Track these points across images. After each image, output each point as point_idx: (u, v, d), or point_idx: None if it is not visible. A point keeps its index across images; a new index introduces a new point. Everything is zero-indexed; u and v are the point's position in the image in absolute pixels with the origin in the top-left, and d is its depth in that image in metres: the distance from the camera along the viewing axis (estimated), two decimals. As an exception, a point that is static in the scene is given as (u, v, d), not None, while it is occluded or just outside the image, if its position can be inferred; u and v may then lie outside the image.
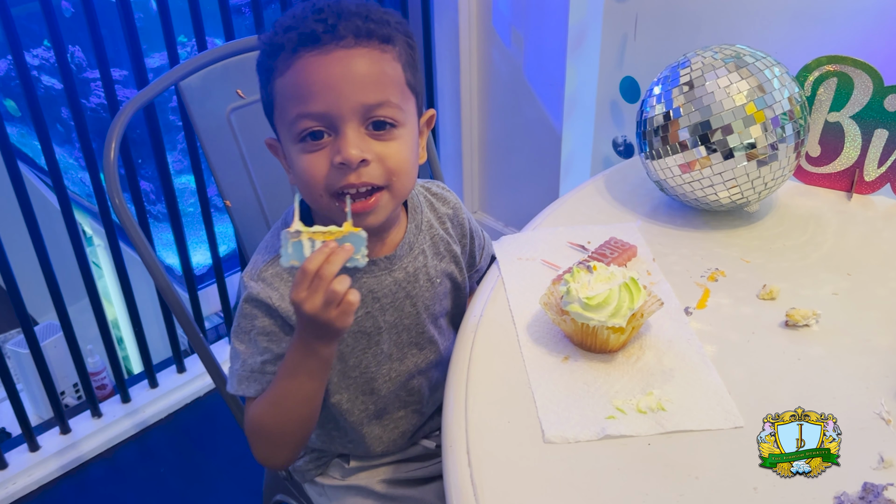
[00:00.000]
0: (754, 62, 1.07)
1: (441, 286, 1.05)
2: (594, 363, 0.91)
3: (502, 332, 0.97)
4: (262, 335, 0.94)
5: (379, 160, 0.87)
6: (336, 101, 0.84)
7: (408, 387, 1.07)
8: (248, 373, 0.95)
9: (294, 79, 0.85)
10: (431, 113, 0.99)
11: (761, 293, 1.02)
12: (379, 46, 0.86)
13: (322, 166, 0.86)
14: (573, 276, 0.91)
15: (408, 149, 0.90)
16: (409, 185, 0.92)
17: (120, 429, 2.07)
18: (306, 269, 0.81)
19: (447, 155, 2.59)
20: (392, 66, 0.87)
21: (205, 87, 1.25)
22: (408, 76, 0.90)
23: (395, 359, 1.04)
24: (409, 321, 1.03)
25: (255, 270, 0.95)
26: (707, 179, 1.09)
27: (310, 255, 0.81)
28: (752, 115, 1.05)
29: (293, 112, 0.86)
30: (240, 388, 0.95)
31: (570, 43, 2.11)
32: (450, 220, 1.09)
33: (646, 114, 1.13)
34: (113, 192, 1.15)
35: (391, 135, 0.88)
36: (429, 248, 1.04)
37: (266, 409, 0.93)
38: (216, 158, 1.27)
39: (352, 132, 0.85)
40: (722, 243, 1.13)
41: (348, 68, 0.84)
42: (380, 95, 0.85)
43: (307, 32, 0.84)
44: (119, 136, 1.18)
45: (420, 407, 1.10)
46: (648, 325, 0.96)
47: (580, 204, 1.24)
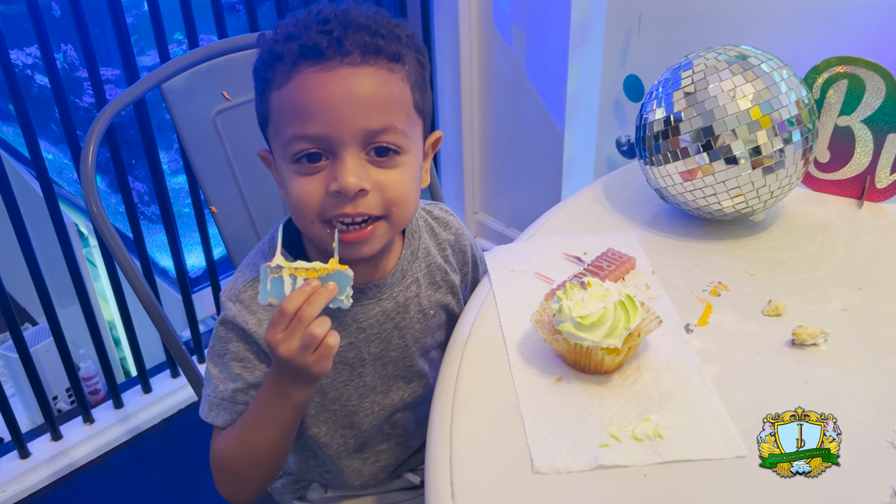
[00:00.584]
0: (760, 64, 1.01)
1: (434, 318, 0.99)
2: (588, 385, 0.86)
3: (492, 350, 0.92)
4: (236, 361, 0.90)
5: (378, 189, 0.81)
6: (336, 124, 0.78)
7: (392, 420, 1.02)
8: (219, 400, 0.90)
9: (292, 95, 0.79)
10: (438, 135, 0.92)
11: (766, 309, 0.96)
12: (387, 65, 0.80)
13: (316, 192, 0.80)
14: (566, 293, 0.86)
15: (410, 177, 0.84)
16: (409, 214, 0.86)
17: (112, 435, 2.04)
18: (284, 310, 0.76)
19: (447, 155, 2.57)
20: (400, 87, 0.81)
21: (189, 89, 1.21)
22: (416, 98, 0.84)
23: (380, 391, 0.99)
24: (396, 353, 0.97)
25: (233, 291, 0.90)
26: (710, 188, 1.04)
27: (289, 294, 0.76)
28: (757, 120, 0.99)
29: (289, 132, 0.80)
30: (209, 415, 0.91)
31: (573, 40, 2.09)
32: (451, 246, 1.03)
33: (646, 118, 1.08)
34: (90, 199, 1.11)
35: (393, 162, 0.82)
36: (423, 276, 0.98)
37: (232, 447, 0.88)
38: (201, 163, 1.23)
39: (351, 158, 0.79)
40: (725, 255, 1.08)
41: (352, 88, 0.77)
42: (384, 120, 0.79)
43: (310, 45, 0.77)
44: (98, 137, 1.14)
45: (405, 440, 1.05)
46: (647, 343, 0.91)
47: (577, 211, 1.19)
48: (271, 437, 0.86)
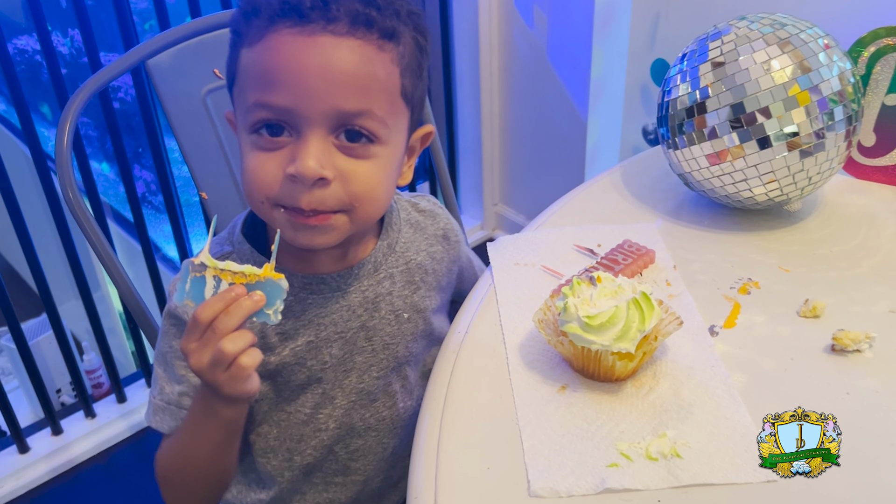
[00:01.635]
0: (798, 33, 0.90)
1: (409, 324, 0.88)
2: (597, 395, 0.76)
3: (490, 353, 0.82)
4: (179, 360, 0.81)
5: (342, 180, 0.71)
6: (305, 99, 0.68)
7: (349, 447, 0.90)
8: (164, 404, 0.81)
9: (262, 57, 0.69)
10: (427, 130, 0.82)
11: (803, 310, 0.85)
12: (377, 41, 0.70)
13: (272, 173, 0.71)
14: (572, 290, 0.76)
15: (382, 172, 0.74)
16: (376, 212, 0.76)
17: (114, 430, 1.98)
18: (198, 318, 0.66)
19: (466, 144, 2.51)
20: (387, 69, 0.71)
21: (177, 66, 1.14)
22: (405, 84, 0.74)
23: (339, 406, 0.87)
24: (361, 359, 0.86)
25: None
26: (740, 172, 0.93)
27: (206, 301, 0.67)
28: (794, 97, 0.88)
29: (252, 97, 0.70)
30: (154, 420, 0.82)
31: (597, 23, 2.02)
32: (440, 241, 0.93)
33: (668, 95, 0.97)
34: (66, 184, 1.03)
35: (366, 151, 0.72)
36: (400, 273, 0.87)
37: (170, 460, 0.81)
38: (190, 146, 1.17)
39: (316, 140, 0.69)
40: (756, 248, 0.97)
41: (330, 61, 0.68)
42: (362, 103, 0.70)
43: (291, 3, 0.68)
44: (73, 121, 1.07)
45: (362, 479, 0.92)
46: (665, 347, 0.80)
47: (592, 200, 1.08)
48: (205, 453, 0.78)
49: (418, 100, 0.77)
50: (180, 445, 0.80)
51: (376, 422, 0.89)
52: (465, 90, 2.41)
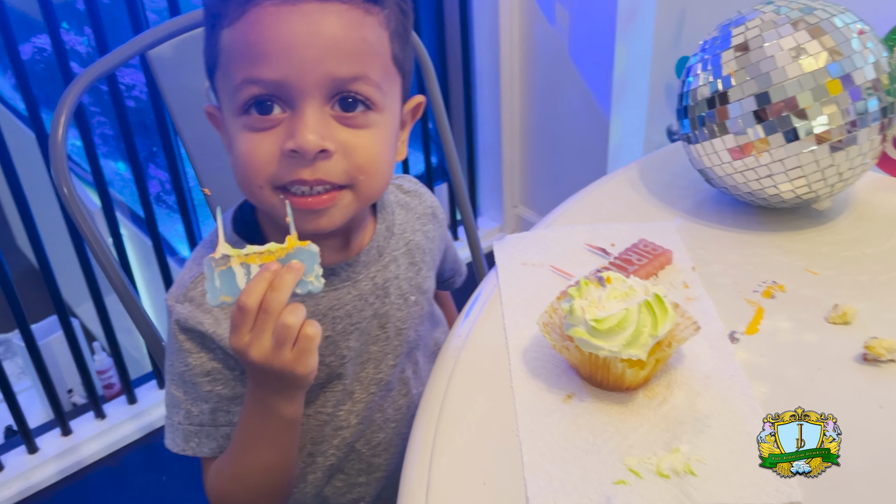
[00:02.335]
0: (830, 18, 0.84)
1: (416, 306, 0.86)
2: (605, 405, 0.70)
3: (491, 359, 0.76)
4: (203, 376, 0.76)
5: (344, 152, 0.68)
6: (297, 69, 0.65)
7: (371, 442, 0.87)
8: (197, 427, 0.77)
9: (245, 32, 0.66)
10: (419, 100, 0.79)
11: (831, 315, 0.79)
12: (363, 5, 0.67)
13: (268, 152, 0.67)
14: (579, 291, 0.70)
15: (383, 141, 0.71)
16: (380, 186, 0.73)
17: (124, 431, 1.97)
18: (244, 306, 0.62)
19: (485, 143, 2.47)
20: (376, 32, 0.69)
21: (179, 58, 1.10)
22: (395, 49, 0.71)
23: (358, 399, 0.84)
24: (376, 348, 0.83)
25: (179, 291, 0.76)
26: (765, 168, 0.87)
27: (246, 286, 0.63)
28: (824, 86, 0.82)
29: (239, 75, 0.67)
30: (188, 447, 0.77)
31: (620, 19, 1.98)
32: (430, 220, 0.91)
33: (688, 86, 0.91)
34: (61, 180, 0.99)
35: (365, 119, 0.69)
36: (403, 255, 0.85)
37: (230, 483, 0.77)
38: (193, 141, 1.13)
39: (312, 112, 0.66)
40: (782, 249, 0.91)
41: (318, 27, 0.65)
42: (356, 67, 0.67)
43: None
44: (69, 114, 1.03)
45: (386, 474, 0.90)
46: (681, 354, 0.74)
47: (607, 197, 1.03)
48: (270, 463, 0.74)
49: (408, 67, 0.75)
50: (239, 467, 0.75)
51: (394, 412, 0.87)
52: (485, 89, 2.38)
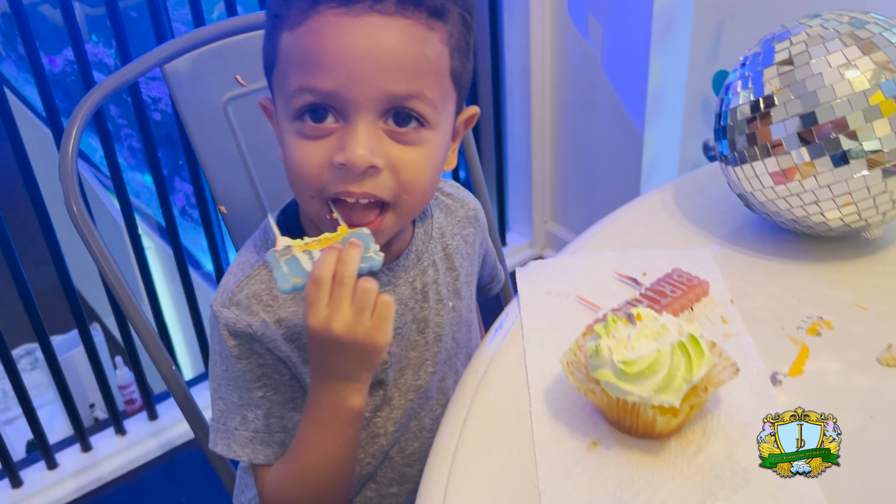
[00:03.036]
0: (882, 32, 0.78)
1: (454, 312, 0.86)
2: (634, 454, 0.64)
3: (510, 399, 0.71)
4: (253, 381, 0.77)
5: (392, 168, 0.69)
6: (353, 82, 0.66)
7: (405, 451, 0.87)
8: (252, 433, 0.78)
9: (305, 40, 0.67)
10: (473, 111, 0.79)
11: (884, 356, 0.73)
12: (426, 20, 0.68)
13: (318, 163, 0.69)
14: (606, 329, 0.65)
15: (433, 159, 0.72)
16: (421, 205, 0.75)
17: (144, 448, 1.96)
18: (319, 277, 0.66)
19: (515, 158, 2.46)
20: (437, 49, 0.69)
21: (196, 72, 1.08)
22: (454, 64, 0.72)
23: (396, 406, 0.85)
24: (415, 354, 0.84)
25: (225, 296, 0.77)
26: (810, 194, 0.81)
27: (317, 262, 0.66)
28: (877, 106, 0.77)
29: (295, 82, 0.68)
30: (243, 453, 0.78)
31: (655, 32, 1.97)
32: (471, 223, 0.91)
33: (727, 104, 0.85)
34: (70, 196, 0.99)
35: (417, 136, 0.70)
36: (441, 260, 0.85)
37: (292, 487, 0.77)
38: (209, 157, 1.10)
39: (365, 126, 0.67)
40: (829, 281, 0.85)
41: (379, 41, 0.66)
42: (412, 85, 0.68)
43: None
44: (80, 129, 1.03)
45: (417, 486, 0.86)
46: (718, 398, 0.69)
47: (639, 221, 0.98)
48: (334, 460, 0.75)
49: (466, 81, 0.75)
50: (304, 462, 0.76)
51: (430, 421, 0.87)
52: (515, 102, 2.37)
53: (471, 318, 0.90)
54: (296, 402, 0.79)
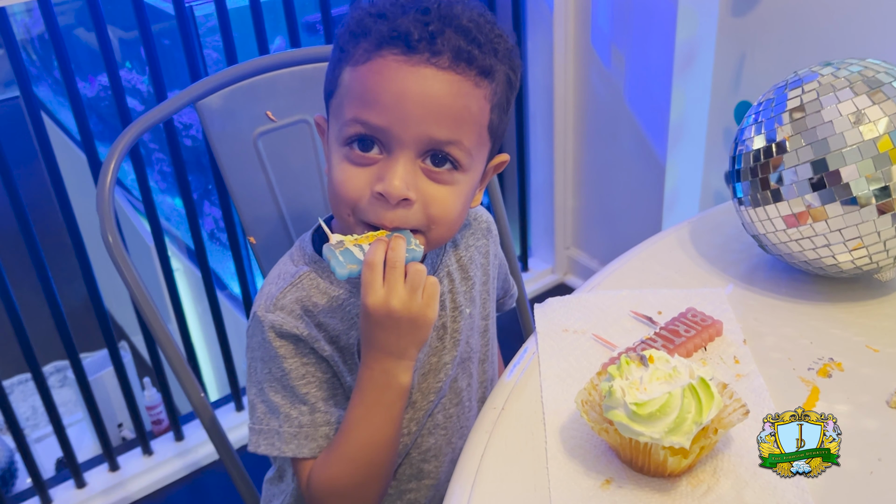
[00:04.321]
0: (892, 82, 0.80)
1: (470, 319, 0.92)
2: (646, 493, 0.66)
3: (526, 435, 0.74)
4: (299, 379, 0.82)
5: (423, 202, 0.77)
6: (401, 122, 0.73)
7: (423, 447, 0.91)
8: (297, 429, 0.83)
9: (366, 78, 0.75)
10: (503, 159, 0.86)
11: (893, 399, 0.75)
12: (474, 78, 0.75)
13: (359, 186, 0.76)
14: (620, 370, 0.67)
15: (461, 197, 0.79)
16: (447, 236, 0.82)
17: (171, 469, 1.99)
18: (373, 261, 0.73)
19: (538, 185, 2.48)
20: (480, 104, 0.76)
21: (228, 108, 1.12)
22: (493, 119, 0.79)
23: (419, 407, 0.90)
24: (435, 359, 0.89)
25: (269, 302, 0.83)
26: (822, 237, 0.83)
27: (369, 250, 0.74)
28: (886, 153, 0.79)
29: (350, 112, 0.76)
30: (288, 449, 0.82)
31: (678, 63, 1.99)
32: (484, 235, 0.96)
33: (742, 148, 0.88)
34: (106, 227, 1.03)
35: (450, 177, 0.77)
36: (456, 271, 0.91)
37: (342, 468, 0.81)
38: (239, 189, 1.14)
39: (405, 161, 0.75)
40: (841, 323, 0.87)
41: (430, 91, 0.73)
42: (453, 133, 0.75)
43: (401, 32, 0.73)
44: (117, 163, 1.06)
45: (436, 483, 0.93)
46: (728, 438, 0.71)
47: (655, 259, 0.99)
48: (382, 437, 0.80)
49: (502, 132, 0.82)
50: (352, 441, 0.80)
51: (444, 419, 0.92)
52: (538, 129, 2.39)
53: (486, 324, 0.95)
54: (337, 399, 0.84)
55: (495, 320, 0.99)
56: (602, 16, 2.11)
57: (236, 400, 2.07)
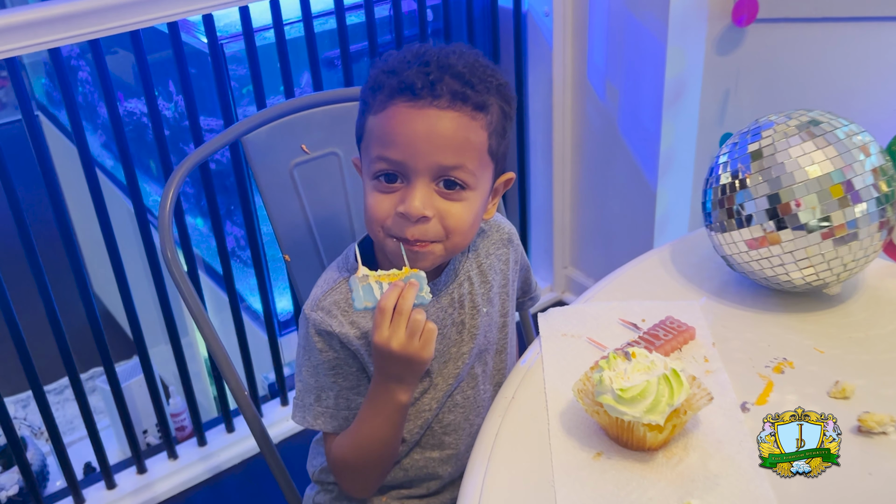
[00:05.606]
0: (833, 130, 0.96)
1: (486, 316, 1.05)
2: (629, 462, 0.82)
3: (533, 418, 0.90)
4: (329, 369, 0.99)
5: (439, 217, 0.90)
6: (414, 156, 0.88)
7: (444, 422, 1.06)
8: (323, 409, 1.00)
9: (384, 123, 0.90)
10: (509, 176, 1.00)
11: (833, 391, 0.90)
12: (470, 113, 0.89)
13: (387, 209, 0.91)
14: (608, 363, 0.83)
15: (472, 211, 0.93)
16: (464, 243, 0.95)
17: (194, 472, 2.08)
18: (384, 307, 0.87)
19: (537, 208, 2.56)
20: (478, 133, 0.90)
21: (269, 142, 1.25)
22: (492, 144, 0.92)
23: (440, 388, 1.04)
24: (455, 350, 1.03)
25: (314, 302, 0.99)
26: (777, 258, 0.99)
27: (384, 294, 0.87)
28: (828, 190, 0.94)
29: (375, 151, 0.91)
30: (316, 424, 1.01)
31: (667, 97, 2.07)
32: (504, 245, 1.09)
33: (712, 182, 1.04)
34: (166, 246, 1.15)
35: (459, 196, 0.91)
36: (476, 275, 1.05)
37: (349, 450, 0.99)
38: (277, 213, 1.26)
39: (421, 186, 0.89)
40: (794, 329, 1.02)
41: (435, 128, 0.87)
42: (457, 159, 0.89)
43: (407, 84, 0.88)
44: (176, 191, 1.18)
45: (455, 454, 1.08)
46: (697, 420, 0.86)
47: (640, 276, 1.15)
48: (384, 435, 0.96)
49: (502, 154, 0.96)
50: (362, 435, 0.97)
51: (462, 399, 1.06)
52: (539, 157, 2.47)
53: (504, 321, 1.09)
54: (359, 389, 0.99)
55: (514, 318, 1.13)
56: (598, 53, 2.20)
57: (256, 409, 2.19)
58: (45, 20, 1.50)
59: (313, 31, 1.87)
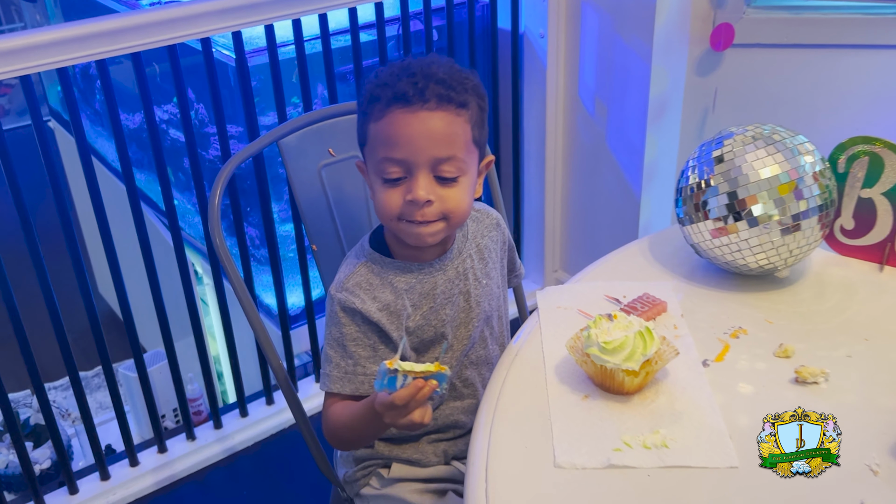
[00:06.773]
0: (783, 140, 1.16)
1: (486, 287, 1.21)
2: (611, 403, 1.01)
3: (533, 371, 1.08)
4: (351, 341, 1.12)
5: (440, 201, 1.06)
6: (414, 152, 1.03)
7: (463, 377, 1.22)
8: (342, 374, 1.13)
9: (385, 128, 1.04)
10: (490, 158, 1.16)
11: (777, 351, 1.09)
12: (455, 110, 1.04)
13: (397, 200, 1.06)
14: (595, 323, 1.02)
15: (466, 193, 1.09)
16: (463, 219, 1.11)
17: (211, 452, 2.22)
18: (396, 403, 0.96)
19: (530, 216, 2.67)
20: (463, 127, 1.06)
21: (301, 146, 1.41)
22: (475, 133, 1.08)
23: (457, 349, 1.19)
24: (464, 315, 1.18)
25: (339, 283, 1.14)
26: (735, 245, 1.18)
27: (401, 389, 0.95)
28: (776, 188, 1.13)
29: (381, 154, 1.06)
30: (333, 387, 1.13)
31: (651, 114, 2.20)
32: (494, 228, 1.26)
33: (683, 182, 1.23)
34: (215, 232, 1.31)
35: (454, 182, 1.07)
36: (475, 253, 1.21)
37: (341, 429, 1.14)
38: (307, 208, 1.42)
39: (423, 177, 1.04)
40: (749, 305, 1.21)
41: (428, 127, 1.03)
42: (449, 151, 1.04)
43: (400, 94, 1.02)
44: (224, 184, 1.33)
45: (475, 403, 1.24)
46: (666, 372, 1.05)
47: (622, 263, 1.34)
48: (368, 434, 1.16)
49: (483, 140, 1.11)
50: (351, 425, 1.11)
51: (475, 358, 1.23)
52: (532, 168, 2.58)
53: (500, 292, 1.25)
54: (375, 359, 1.12)
55: (507, 289, 1.32)
56: (588, 72, 2.31)
57: (267, 395, 2.36)
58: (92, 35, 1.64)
59: (330, 48, 2.03)
